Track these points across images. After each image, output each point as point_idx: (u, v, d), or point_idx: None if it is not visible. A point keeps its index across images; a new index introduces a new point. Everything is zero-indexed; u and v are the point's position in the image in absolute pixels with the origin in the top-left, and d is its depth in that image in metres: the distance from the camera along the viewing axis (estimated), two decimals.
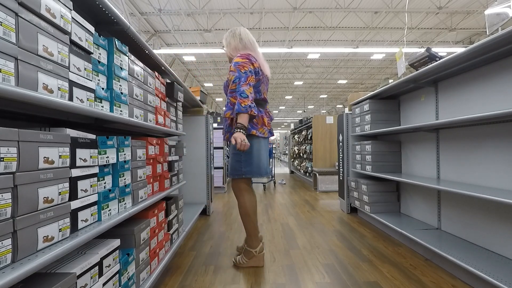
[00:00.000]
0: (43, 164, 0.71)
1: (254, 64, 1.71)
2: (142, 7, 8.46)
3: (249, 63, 1.69)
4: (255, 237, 1.80)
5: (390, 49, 9.89)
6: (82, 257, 0.90)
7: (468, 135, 1.87)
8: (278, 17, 9.15)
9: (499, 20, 1.58)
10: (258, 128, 1.73)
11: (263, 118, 1.76)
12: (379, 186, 2.69)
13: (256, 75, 1.71)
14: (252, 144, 1.71)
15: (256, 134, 1.71)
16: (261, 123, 1.75)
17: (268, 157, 1.81)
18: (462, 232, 1.93)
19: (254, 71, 1.69)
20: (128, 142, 1.20)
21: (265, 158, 1.78)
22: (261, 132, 1.74)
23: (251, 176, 1.73)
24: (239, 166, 1.73)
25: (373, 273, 1.70)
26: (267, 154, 1.80)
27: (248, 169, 1.72)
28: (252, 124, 1.72)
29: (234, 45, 1.81)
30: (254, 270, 1.77)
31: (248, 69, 1.66)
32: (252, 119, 1.71)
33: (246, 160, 1.72)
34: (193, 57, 12.13)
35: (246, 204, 1.77)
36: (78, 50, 0.92)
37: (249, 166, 1.72)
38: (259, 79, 1.74)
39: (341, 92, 19.74)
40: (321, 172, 4.97)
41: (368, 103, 2.73)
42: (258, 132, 1.72)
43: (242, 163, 1.72)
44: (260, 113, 1.75)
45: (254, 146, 1.72)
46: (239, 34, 1.82)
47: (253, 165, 1.72)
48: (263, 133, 1.74)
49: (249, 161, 1.72)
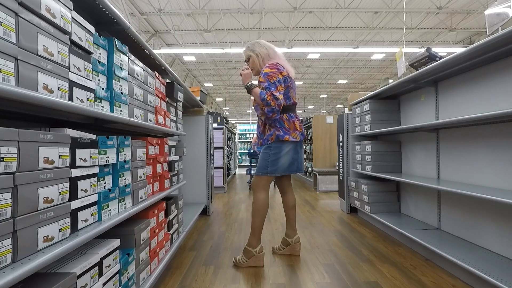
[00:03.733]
0: (43, 164, 0.71)
1: (283, 72, 1.77)
2: (142, 7, 8.46)
3: (278, 72, 1.75)
4: (258, 236, 1.82)
5: (390, 49, 9.90)
6: (82, 257, 0.90)
7: (468, 135, 1.87)
8: (278, 17, 9.15)
9: (499, 20, 1.58)
10: (291, 133, 1.82)
11: (294, 123, 1.84)
12: (379, 186, 2.69)
13: (284, 83, 1.78)
14: (282, 147, 1.80)
15: (289, 140, 1.80)
16: (293, 128, 1.83)
17: (300, 159, 1.91)
18: (462, 232, 1.93)
19: (283, 79, 1.76)
20: (128, 142, 1.20)
21: (297, 158, 1.87)
22: (294, 136, 1.82)
23: (274, 174, 1.81)
24: (266, 164, 1.81)
25: (373, 273, 1.70)
26: (300, 153, 1.91)
27: (274, 169, 1.81)
28: (285, 130, 1.81)
29: (265, 53, 1.86)
30: (254, 270, 1.77)
31: (277, 79, 1.73)
32: (282, 125, 1.80)
33: (273, 160, 1.80)
34: (193, 57, 12.13)
35: (260, 202, 1.82)
36: (78, 50, 0.92)
37: (274, 166, 1.80)
38: (287, 85, 1.81)
39: (341, 92, 19.73)
40: (321, 172, 4.97)
41: (368, 103, 2.73)
42: (291, 137, 1.81)
43: (268, 163, 1.81)
44: (292, 118, 1.84)
45: (283, 149, 1.80)
46: (264, 44, 1.90)
47: (278, 165, 1.80)
48: (296, 137, 1.83)
49: (275, 162, 1.80)
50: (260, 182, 1.86)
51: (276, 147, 1.81)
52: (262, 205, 1.83)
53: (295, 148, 1.86)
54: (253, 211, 1.84)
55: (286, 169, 1.83)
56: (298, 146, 1.89)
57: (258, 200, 1.83)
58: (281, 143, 1.81)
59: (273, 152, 1.81)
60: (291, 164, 1.85)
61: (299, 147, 1.90)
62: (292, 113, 1.87)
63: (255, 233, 1.82)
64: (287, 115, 1.83)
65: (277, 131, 1.80)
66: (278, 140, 1.80)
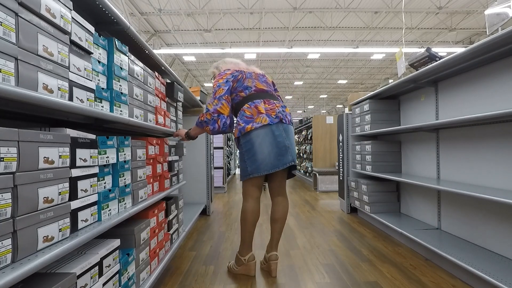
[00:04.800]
0: (43, 164, 0.71)
1: (225, 74, 1.70)
2: (142, 7, 8.46)
3: (218, 78, 1.70)
4: (247, 245, 1.68)
5: (390, 49, 9.90)
6: (82, 257, 0.90)
7: (468, 135, 1.87)
8: (278, 17, 9.15)
9: (499, 20, 1.58)
10: (254, 120, 1.58)
11: (257, 107, 1.61)
12: (379, 186, 2.69)
13: (233, 78, 1.69)
14: (251, 139, 1.57)
15: (253, 127, 1.57)
16: (257, 113, 1.60)
17: (286, 143, 1.61)
18: (462, 232, 1.93)
19: (225, 80, 1.68)
20: (128, 142, 1.20)
21: (277, 147, 1.58)
22: (259, 121, 1.58)
23: (259, 174, 1.58)
24: (245, 166, 1.61)
25: (373, 273, 1.70)
26: (280, 141, 1.59)
27: (254, 167, 1.58)
28: (246, 118, 1.59)
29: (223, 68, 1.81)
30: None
31: (217, 85, 1.68)
32: (243, 114, 1.62)
33: (249, 158, 1.59)
34: (193, 57, 12.14)
35: (247, 210, 1.65)
36: (78, 50, 0.92)
37: (254, 163, 1.57)
38: (237, 79, 1.70)
39: (341, 92, 19.73)
40: (321, 172, 4.97)
41: (368, 103, 2.73)
42: (255, 124, 1.57)
43: (246, 163, 1.60)
44: (253, 104, 1.62)
45: (254, 141, 1.57)
46: (228, 61, 1.86)
47: (257, 161, 1.57)
48: (262, 121, 1.58)
49: (253, 159, 1.58)
50: (246, 189, 1.66)
51: (245, 143, 1.60)
52: (249, 215, 1.64)
53: (271, 134, 1.58)
54: (240, 221, 1.68)
55: (273, 162, 1.57)
56: (277, 130, 1.60)
57: (244, 210, 1.66)
58: (247, 135, 1.58)
59: (245, 150, 1.60)
60: (278, 155, 1.58)
61: (280, 131, 1.60)
62: (255, 100, 1.64)
63: (244, 242, 1.68)
64: (248, 104, 1.63)
65: (239, 125, 1.60)
66: (241, 134, 1.60)
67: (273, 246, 1.71)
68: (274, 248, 1.71)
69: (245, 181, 1.65)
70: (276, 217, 1.71)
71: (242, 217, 1.68)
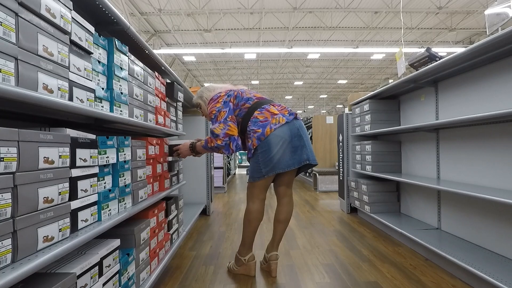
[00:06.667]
0: (43, 164, 0.71)
1: (220, 97, 1.67)
2: (142, 7, 8.46)
3: (215, 102, 1.66)
4: (248, 246, 1.68)
5: (390, 49, 9.90)
6: (82, 257, 0.90)
7: (468, 135, 1.87)
8: (278, 17, 9.15)
9: (499, 20, 1.58)
10: (271, 121, 1.57)
11: (269, 110, 1.61)
12: (379, 186, 2.69)
13: (229, 98, 1.67)
14: (272, 143, 1.55)
15: (272, 129, 1.55)
16: (270, 115, 1.59)
17: (301, 142, 1.60)
18: (462, 232, 1.93)
19: (223, 101, 1.65)
20: (128, 142, 1.20)
21: (292, 145, 1.58)
22: (275, 122, 1.57)
23: (273, 173, 1.56)
24: (258, 167, 1.58)
25: (373, 273, 1.70)
26: (295, 139, 1.59)
27: (270, 167, 1.56)
28: (261, 123, 1.58)
29: (210, 95, 1.78)
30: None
31: (215, 109, 1.63)
32: (256, 121, 1.60)
33: (265, 159, 1.56)
34: (193, 57, 12.14)
35: (252, 214, 1.64)
36: (78, 50, 0.92)
37: (269, 164, 1.56)
38: (234, 96, 1.69)
39: (341, 92, 19.73)
40: (321, 172, 4.97)
41: (368, 103, 2.73)
42: (272, 125, 1.56)
43: (260, 164, 1.57)
44: (263, 109, 1.62)
45: (272, 142, 1.55)
46: (212, 87, 1.83)
47: (273, 161, 1.55)
48: (279, 121, 1.57)
49: (268, 159, 1.55)
50: (253, 189, 1.64)
51: (263, 149, 1.56)
52: (254, 217, 1.64)
53: (289, 132, 1.58)
54: (244, 222, 1.67)
55: (288, 161, 1.56)
56: (293, 129, 1.60)
57: (250, 211, 1.65)
58: (266, 140, 1.55)
59: (261, 151, 1.57)
60: (293, 153, 1.58)
61: (295, 130, 1.60)
62: (263, 106, 1.64)
63: (245, 242, 1.68)
64: (258, 110, 1.62)
65: (254, 133, 1.57)
66: (260, 140, 1.56)
67: (274, 246, 1.71)
68: (275, 248, 1.71)
69: (254, 182, 1.63)
70: (281, 218, 1.70)
71: (246, 218, 1.67)
